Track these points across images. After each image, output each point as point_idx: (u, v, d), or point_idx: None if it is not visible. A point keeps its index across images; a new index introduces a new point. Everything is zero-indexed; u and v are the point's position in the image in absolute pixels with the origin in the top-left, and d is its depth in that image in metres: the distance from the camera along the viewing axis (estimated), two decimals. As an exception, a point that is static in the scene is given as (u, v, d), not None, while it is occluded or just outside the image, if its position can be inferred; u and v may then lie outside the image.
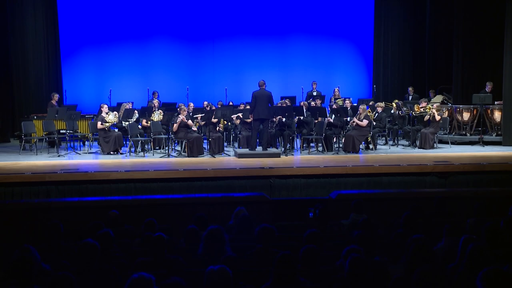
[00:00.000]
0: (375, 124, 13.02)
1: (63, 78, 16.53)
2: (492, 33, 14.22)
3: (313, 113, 13.08)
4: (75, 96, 16.34)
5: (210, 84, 17.29)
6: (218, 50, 17.50)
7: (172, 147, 12.56)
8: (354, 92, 17.03)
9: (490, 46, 14.30)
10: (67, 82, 16.62)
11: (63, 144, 12.98)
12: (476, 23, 14.47)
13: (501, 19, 13.32)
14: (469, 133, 13.99)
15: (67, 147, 12.61)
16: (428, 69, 17.42)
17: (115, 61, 16.97)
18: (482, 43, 14.48)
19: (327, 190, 9.60)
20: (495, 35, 13.95)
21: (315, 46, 17.86)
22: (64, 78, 16.59)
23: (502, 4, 13.21)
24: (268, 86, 14.78)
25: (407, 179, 10.16)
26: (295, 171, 10.10)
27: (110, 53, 16.96)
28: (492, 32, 14.21)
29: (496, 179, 10.22)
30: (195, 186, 9.66)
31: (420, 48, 17.61)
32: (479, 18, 14.42)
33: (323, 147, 12.46)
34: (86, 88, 16.80)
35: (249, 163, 10.71)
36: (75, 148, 12.77)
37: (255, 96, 11.66)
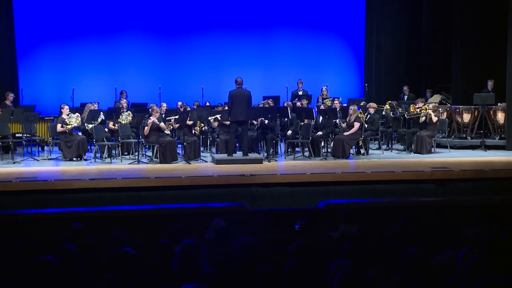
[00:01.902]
0: (367, 127, 13.10)
1: (19, 76, 16.37)
2: (493, 28, 14.39)
3: (298, 114, 13.11)
4: (33, 96, 16.18)
5: (185, 83, 17.23)
6: (194, 45, 17.46)
7: (142, 153, 12.50)
8: (343, 92, 17.10)
9: (492, 42, 14.46)
10: (24, 81, 16.46)
11: (19, 150, 12.85)
12: (477, 18, 14.64)
13: (503, 13, 13.49)
14: (470, 136, 14.12)
15: (24, 152, 12.49)
16: (425, 66, 17.57)
17: (78, 57, 16.85)
18: (483, 39, 14.64)
19: (314, 199, 9.61)
20: (497, 31, 14.12)
21: (301, 41, 17.90)
22: (21, 76, 16.43)
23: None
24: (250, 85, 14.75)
25: (402, 187, 10.21)
26: (279, 178, 10.10)
27: (73, 48, 16.84)
28: (493, 27, 14.39)
29: (499, 187, 10.31)
30: (168, 196, 9.62)
31: (416, 43, 17.75)
32: (479, 12, 14.60)
33: (310, 152, 12.50)
34: (46, 87, 16.65)
35: (228, 170, 10.69)
36: (33, 154, 12.65)
37: (232, 96, 11.69)
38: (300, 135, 12.86)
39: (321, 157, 12.45)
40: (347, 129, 12.48)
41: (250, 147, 12.61)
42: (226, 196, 9.71)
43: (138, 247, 6.00)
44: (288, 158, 12.53)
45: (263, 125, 12.69)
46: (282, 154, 13.07)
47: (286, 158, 12.55)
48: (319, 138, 12.71)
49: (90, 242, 6.67)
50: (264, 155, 12.31)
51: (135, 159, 11.97)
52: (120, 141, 12.29)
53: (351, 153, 12.66)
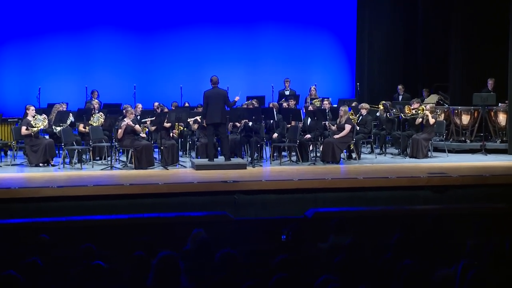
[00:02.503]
0: (359, 129, 13.14)
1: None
2: (494, 24, 14.50)
3: (285, 116, 13.12)
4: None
5: (162, 82, 17.20)
6: (171, 41, 17.44)
7: (115, 158, 12.45)
8: (334, 91, 17.15)
9: (492, 39, 14.57)
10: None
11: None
12: (477, 13, 14.75)
13: (503, 9, 13.60)
14: (469, 140, 14.21)
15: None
16: (421, 64, 17.66)
17: (45, 54, 16.78)
18: (483, 35, 14.74)
19: (302, 207, 9.61)
20: (498, 27, 14.24)
21: (288, 37, 17.94)
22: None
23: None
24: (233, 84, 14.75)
25: (396, 194, 10.24)
26: (264, 185, 10.10)
27: (39, 45, 16.77)
28: (494, 23, 14.50)
29: (501, 194, 10.38)
30: (144, 204, 9.58)
31: (412, 40, 17.84)
32: (479, 7, 14.70)
33: (298, 156, 12.51)
34: (9, 86, 16.56)
35: (209, 176, 10.68)
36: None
37: (207, 96, 11.73)
38: (287, 138, 12.86)
39: (310, 162, 12.46)
40: (337, 131, 12.50)
41: (233, 151, 12.60)
42: (206, 205, 9.69)
43: (110, 260, 5.96)
44: (274, 163, 12.53)
45: (247, 127, 12.68)
46: (267, 158, 13.07)
47: (272, 163, 12.56)
48: (307, 142, 12.72)
49: (58, 255, 6.61)
50: (248, 160, 12.30)
51: (108, 164, 11.91)
52: (91, 145, 12.23)
53: (342, 157, 12.69)
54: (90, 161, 12.28)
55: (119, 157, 12.85)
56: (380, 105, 14.55)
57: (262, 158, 13.02)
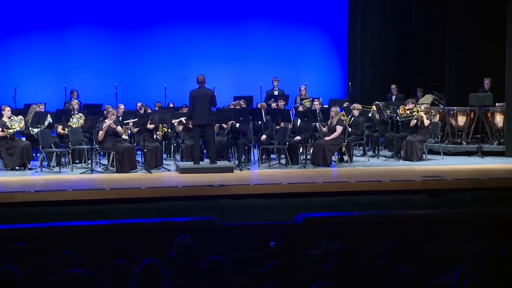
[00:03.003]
0: (351, 131, 13.16)
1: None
2: (491, 22, 14.57)
3: (274, 117, 13.12)
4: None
5: (145, 81, 17.17)
6: (155, 38, 17.42)
7: (96, 161, 12.40)
8: (324, 91, 17.18)
9: (489, 37, 14.64)
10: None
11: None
12: (473, 10, 14.81)
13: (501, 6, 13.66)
14: (465, 141, 14.27)
15: (-41, 161, 12.31)
16: (415, 63, 17.71)
17: (21, 53, 16.72)
18: (479, 33, 14.81)
19: (292, 212, 9.61)
20: (495, 25, 14.30)
21: (277, 34, 17.95)
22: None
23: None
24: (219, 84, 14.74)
25: (390, 198, 10.27)
26: (251, 189, 10.10)
27: (15, 43, 16.71)
28: (491, 20, 14.56)
29: (498, 198, 10.42)
30: (126, 210, 9.56)
31: (406, 38, 17.89)
32: (476, 4, 14.77)
33: (287, 159, 12.52)
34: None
35: (195, 179, 10.66)
36: (-30, 163, 12.47)
37: (193, 96, 11.74)
38: (275, 140, 12.86)
39: (300, 165, 12.48)
40: (328, 133, 12.52)
41: (219, 154, 12.59)
42: (192, 210, 9.68)
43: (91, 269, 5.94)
44: (262, 166, 12.53)
45: (233, 129, 12.67)
46: (255, 161, 13.07)
47: (260, 166, 12.56)
48: (297, 144, 12.74)
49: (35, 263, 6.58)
50: (235, 163, 12.30)
51: (88, 168, 11.87)
52: (70, 148, 12.18)
53: (333, 160, 12.70)
54: (69, 165, 12.21)
55: (99, 160, 12.80)
56: (373, 105, 14.58)
57: (250, 161, 13.00)
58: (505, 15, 13.48)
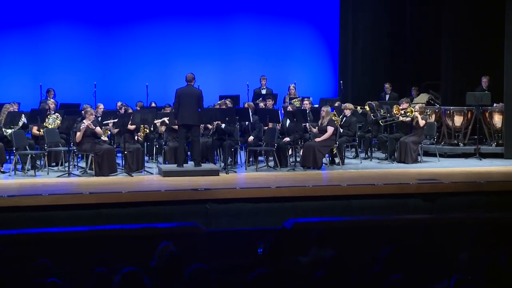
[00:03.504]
0: (342, 132, 13.18)
1: None
2: (489, 19, 14.62)
3: (262, 117, 13.13)
4: None
5: (125, 80, 17.14)
6: (136, 35, 17.37)
7: (74, 163, 12.36)
8: (315, 90, 17.20)
9: (487, 34, 14.69)
10: None
11: None
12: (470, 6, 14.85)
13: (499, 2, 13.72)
14: (462, 143, 14.32)
15: None
16: (410, 61, 17.77)
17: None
18: (477, 30, 14.84)
19: (281, 217, 9.62)
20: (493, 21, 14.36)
21: (265, 30, 17.95)
22: None
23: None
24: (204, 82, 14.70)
25: (383, 202, 10.29)
26: (238, 193, 10.10)
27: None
28: (489, 16, 14.62)
29: (497, 202, 10.47)
30: (105, 215, 9.54)
31: (400, 34, 17.94)
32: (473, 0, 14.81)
33: (275, 161, 12.52)
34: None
35: (178, 183, 10.66)
36: None
37: (179, 95, 11.72)
38: (263, 142, 12.86)
39: (289, 167, 12.48)
40: (319, 134, 12.54)
41: (204, 156, 12.57)
42: (175, 215, 9.66)
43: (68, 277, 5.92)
44: (250, 169, 12.53)
45: (219, 129, 12.67)
46: (242, 164, 13.07)
47: (247, 169, 12.56)
48: (286, 145, 12.74)
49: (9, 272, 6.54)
50: (220, 166, 12.29)
51: (65, 171, 11.83)
52: (46, 150, 12.12)
53: (324, 162, 12.72)
54: (45, 168, 12.16)
55: (77, 163, 12.76)
56: (365, 105, 14.61)
57: (237, 164, 13.00)
58: (503, 12, 13.54)
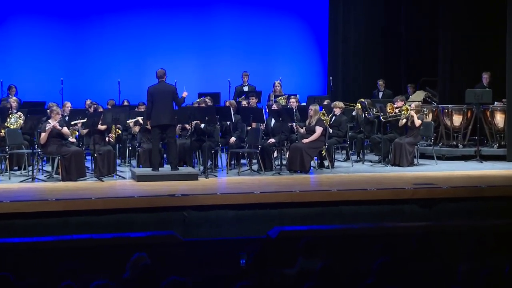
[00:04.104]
0: (332, 132, 13.20)
1: None
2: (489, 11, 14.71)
3: (244, 116, 13.12)
4: None
5: (95, 76, 17.12)
6: (107, 27, 17.38)
7: (38, 167, 12.30)
8: (302, 87, 17.24)
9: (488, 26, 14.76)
10: None
11: None
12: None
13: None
14: (462, 144, 14.38)
15: None
16: (405, 55, 17.84)
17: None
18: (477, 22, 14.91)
19: (265, 225, 9.63)
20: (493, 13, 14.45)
21: (248, 22, 17.98)
22: None
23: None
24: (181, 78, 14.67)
25: (377, 209, 10.32)
26: (219, 199, 10.10)
27: None
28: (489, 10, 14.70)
29: (499, 208, 10.51)
30: (73, 224, 9.50)
31: (394, 27, 18.00)
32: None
33: (259, 164, 12.53)
34: None
35: (153, 188, 10.64)
36: None
37: (151, 93, 11.72)
38: (246, 143, 12.86)
39: (274, 171, 12.49)
40: (306, 135, 12.56)
41: (182, 159, 12.56)
42: (150, 223, 9.66)
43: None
44: (231, 173, 12.53)
45: (198, 130, 12.65)
46: (223, 167, 13.06)
47: (229, 173, 12.56)
48: (271, 147, 12.75)
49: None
50: (199, 169, 12.28)
51: (29, 175, 11.78)
52: (7, 152, 12.07)
53: (312, 166, 12.74)
54: (7, 172, 12.10)
55: (42, 166, 12.69)
56: (357, 103, 14.63)
57: (217, 167, 12.99)
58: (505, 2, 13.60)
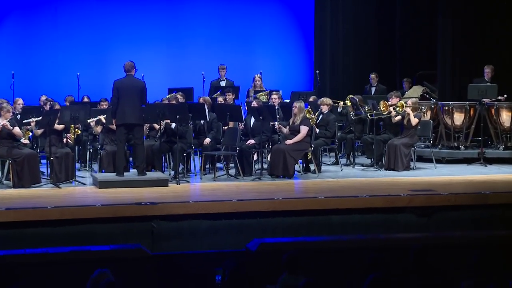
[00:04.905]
0: (319, 132, 13.21)
1: None
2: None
3: (220, 114, 13.11)
4: None
5: (51, 69, 17.08)
6: (65, 15, 17.33)
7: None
8: (285, 82, 17.25)
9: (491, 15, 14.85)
10: None
11: None
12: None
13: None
14: (464, 145, 14.42)
15: None
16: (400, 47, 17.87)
17: None
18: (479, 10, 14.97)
19: (244, 237, 9.63)
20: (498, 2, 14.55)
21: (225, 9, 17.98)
22: None
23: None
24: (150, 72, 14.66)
25: (369, 218, 10.35)
26: (192, 208, 10.08)
27: None
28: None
29: (504, 217, 10.56)
30: (27, 236, 9.47)
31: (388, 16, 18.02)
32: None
33: (237, 168, 12.52)
34: None
35: (118, 196, 10.62)
36: None
37: (117, 88, 11.70)
38: (223, 145, 12.84)
39: (254, 176, 12.48)
40: (290, 135, 12.56)
41: (150, 162, 12.51)
42: (114, 235, 9.64)
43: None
44: (206, 178, 12.52)
45: (168, 130, 12.62)
46: (196, 172, 13.04)
47: (203, 178, 12.55)
48: (251, 149, 12.74)
49: None
50: (170, 174, 12.26)
51: (-24, 181, 11.72)
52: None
53: (297, 170, 12.74)
54: (-50, 178, 12.05)
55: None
56: (347, 100, 14.65)
57: (190, 172, 12.98)
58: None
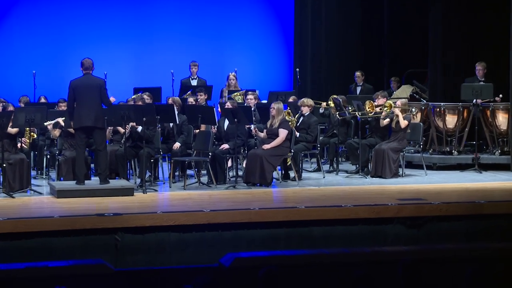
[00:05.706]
0: (299, 136, 13.23)
1: None
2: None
3: (191, 116, 13.10)
4: None
5: (3, 66, 17.13)
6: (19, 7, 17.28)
7: None
8: (262, 81, 17.28)
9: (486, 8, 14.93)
10: None
11: None
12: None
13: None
14: (457, 150, 14.48)
15: None
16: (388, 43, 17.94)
17: None
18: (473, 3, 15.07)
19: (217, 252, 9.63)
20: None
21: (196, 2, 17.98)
22: None
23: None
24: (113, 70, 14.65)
25: (354, 230, 10.37)
26: (160, 219, 10.06)
27: None
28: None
29: (501, 229, 10.62)
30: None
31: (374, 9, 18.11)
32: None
33: (210, 176, 12.51)
34: None
35: (78, 207, 10.60)
36: None
37: (74, 88, 11.70)
38: (193, 150, 12.84)
39: (228, 184, 12.49)
40: (267, 139, 12.57)
41: (113, 169, 12.49)
42: (73, 250, 9.62)
43: None
44: (175, 187, 12.51)
45: (134, 134, 12.60)
46: (165, 180, 13.03)
47: (172, 187, 12.53)
48: (224, 155, 12.74)
49: None
50: (136, 182, 12.25)
51: None
52: None
53: (275, 177, 12.76)
54: None
55: None
56: (329, 100, 14.66)
57: (158, 180, 12.97)
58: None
